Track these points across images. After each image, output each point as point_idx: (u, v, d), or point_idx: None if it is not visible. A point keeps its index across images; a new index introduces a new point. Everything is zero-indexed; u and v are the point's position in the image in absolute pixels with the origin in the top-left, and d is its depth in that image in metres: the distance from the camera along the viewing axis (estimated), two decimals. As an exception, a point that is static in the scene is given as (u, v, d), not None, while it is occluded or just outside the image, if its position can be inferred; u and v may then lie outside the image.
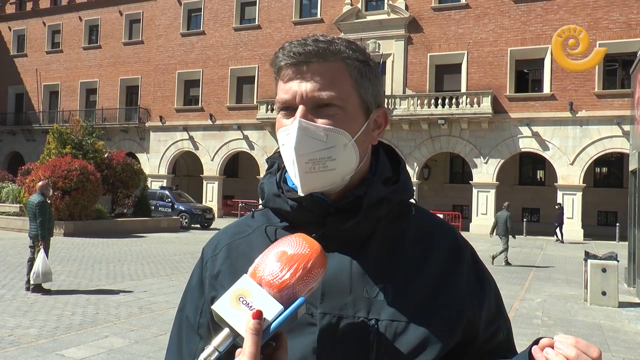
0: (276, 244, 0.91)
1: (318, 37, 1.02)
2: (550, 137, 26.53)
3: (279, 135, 1.02)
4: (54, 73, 41.66)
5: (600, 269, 10.03)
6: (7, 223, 21.04)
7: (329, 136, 0.98)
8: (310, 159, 0.97)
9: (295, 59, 0.99)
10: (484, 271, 1.12)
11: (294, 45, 1.00)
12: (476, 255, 1.12)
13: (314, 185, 0.99)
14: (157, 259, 14.31)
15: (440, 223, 1.13)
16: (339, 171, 1.00)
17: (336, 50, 1.01)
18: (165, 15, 36.45)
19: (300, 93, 0.99)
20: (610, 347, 7.16)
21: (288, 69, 1.00)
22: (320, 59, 0.99)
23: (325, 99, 0.99)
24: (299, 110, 0.98)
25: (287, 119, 1.01)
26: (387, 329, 0.96)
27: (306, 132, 0.97)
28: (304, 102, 0.99)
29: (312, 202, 1.02)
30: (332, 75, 1.00)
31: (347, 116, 1.01)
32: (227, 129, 33.75)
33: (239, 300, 0.84)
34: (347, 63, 1.02)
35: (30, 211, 9.71)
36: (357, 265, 1.01)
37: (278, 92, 1.03)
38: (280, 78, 1.03)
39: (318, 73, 0.99)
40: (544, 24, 26.82)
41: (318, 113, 0.99)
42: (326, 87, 0.99)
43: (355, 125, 1.02)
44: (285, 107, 1.01)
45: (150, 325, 7.38)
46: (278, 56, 1.02)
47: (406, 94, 28.87)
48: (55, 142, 22.47)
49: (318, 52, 0.99)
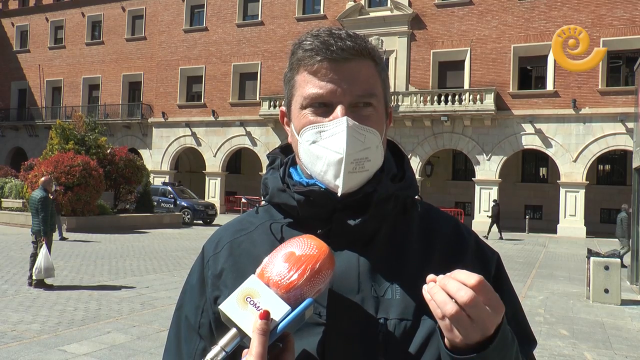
0: (284, 244, 0.90)
1: (349, 32, 1.00)
2: (553, 134, 26.47)
3: (307, 132, 0.99)
4: (56, 69, 41.67)
5: (603, 266, 10.02)
6: (10, 218, 21.10)
7: (366, 137, 0.97)
8: (355, 159, 0.96)
9: (337, 55, 0.96)
10: (487, 254, 1.09)
11: (328, 38, 0.97)
12: (480, 240, 1.10)
13: (351, 185, 0.98)
14: (159, 255, 14.33)
15: (442, 216, 1.11)
16: (371, 172, 0.99)
17: (371, 49, 1.00)
18: (168, 12, 36.43)
19: (342, 91, 0.96)
20: (612, 345, 7.15)
21: (324, 62, 0.97)
22: (358, 57, 0.98)
23: (364, 98, 0.97)
24: (339, 109, 0.96)
25: (318, 116, 0.98)
26: (395, 328, 0.95)
27: (353, 132, 0.95)
28: (344, 100, 0.96)
29: (321, 197, 0.99)
30: (369, 74, 0.99)
31: (378, 117, 1.00)
32: (230, 125, 33.74)
33: (247, 301, 0.83)
34: (377, 62, 1.01)
35: (32, 207, 9.72)
36: (365, 264, 0.99)
37: (306, 86, 0.99)
38: (310, 71, 0.99)
39: (358, 72, 0.97)
40: (547, 21, 26.73)
41: (355, 113, 0.97)
42: (366, 87, 0.98)
43: (382, 125, 1.02)
44: (318, 104, 0.98)
45: (153, 321, 7.39)
46: (311, 48, 0.98)
47: (409, 91, 28.82)
48: (58, 137, 22.52)
49: (359, 49, 0.97)
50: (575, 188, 25.99)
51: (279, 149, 1.15)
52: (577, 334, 7.67)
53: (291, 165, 1.10)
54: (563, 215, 26.27)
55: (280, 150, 1.15)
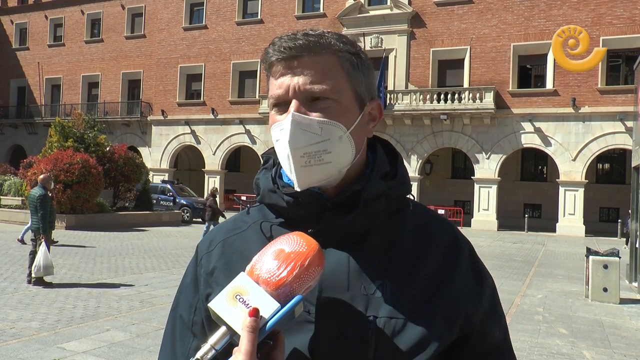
0: (274, 242, 0.90)
1: (308, 31, 1.01)
2: (552, 133, 26.47)
3: (273, 132, 1.01)
4: (56, 66, 41.63)
5: (602, 265, 10.03)
6: (10, 216, 21.10)
7: (323, 129, 0.97)
8: (306, 152, 0.96)
9: (286, 54, 0.98)
10: (481, 267, 1.10)
11: (284, 40, 0.99)
12: (474, 251, 1.11)
13: (310, 180, 0.98)
14: (158, 253, 14.33)
15: (438, 218, 1.11)
16: (335, 164, 0.99)
17: (327, 44, 0.99)
18: (167, 9, 36.39)
19: (293, 87, 0.98)
20: (611, 344, 7.16)
21: (279, 64, 0.99)
22: (311, 53, 0.98)
23: (318, 92, 0.98)
24: (292, 105, 0.97)
25: (280, 115, 1.00)
26: (385, 326, 0.95)
27: (300, 125, 0.96)
28: (296, 96, 0.98)
29: (309, 197, 1.00)
30: (324, 68, 0.99)
31: (341, 109, 0.99)
32: (229, 123, 33.73)
33: (236, 298, 0.83)
34: (338, 56, 1.01)
35: (31, 204, 9.72)
36: (355, 262, 0.99)
37: (270, 89, 1.02)
38: (271, 74, 1.02)
39: (310, 66, 0.98)
40: (547, 20, 26.72)
41: (312, 107, 0.98)
42: (319, 80, 0.98)
43: (350, 117, 1.01)
44: (278, 103, 1.00)
45: (152, 319, 7.40)
46: (268, 52, 1.01)
47: (409, 89, 28.81)
48: (57, 135, 22.50)
49: (309, 45, 0.98)
50: (574, 187, 26.01)
51: (272, 149, 1.15)
52: (575, 333, 7.68)
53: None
54: (562, 214, 26.28)
55: (274, 150, 1.15)
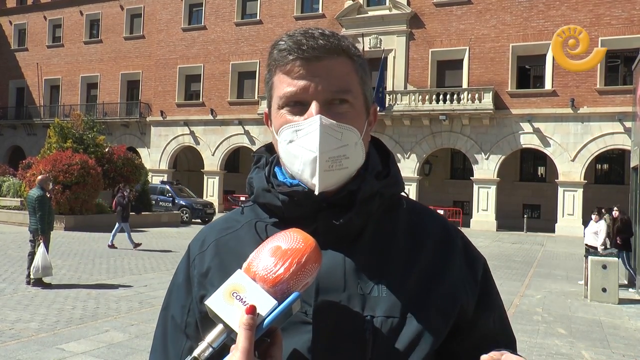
0: (271, 238, 0.90)
1: (324, 31, 1.00)
2: (551, 134, 26.49)
3: (284, 132, 0.98)
4: (54, 67, 41.60)
5: (601, 265, 10.03)
6: (8, 217, 21.07)
7: (343, 134, 0.96)
8: (330, 157, 0.95)
9: (309, 54, 0.96)
10: (474, 255, 1.10)
11: (301, 37, 0.97)
12: (467, 240, 1.11)
13: (329, 183, 0.97)
14: (157, 254, 14.32)
15: (429, 213, 1.11)
16: (350, 169, 0.99)
17: (346, 47, 1.00)
18: (166, 10, 36.39)
19: (315, 89, 0.96)
20: (610, 344, 7.17)
21: (298, 62, 0.97)
22: (331, 55, 0.97)
23: (340, 95, 0.97)
24: (314, 107, 0.96)
25: (294, 115, 0.98)
26: (382, 325, 0.95)
27: (327, 129, 0.94)
28: (317, 97, 0.96)
29: (305, 197, 0.99)
30: (344, 72, 0.99)
31: (356, 114, 1.00)
32: (228, 124, 33.72)
33: (233, 296, 0.83)
34: (354, 60, 1.01)
35: (30, 205, 9.71)
36: (351, 262, 0.99)
37: (280, 86, 1.00)
38: (284, 71, 0.99)
39: (332, 69, 0.97)
40: (545, 20, 26.74)
41: (330, 110, 0.97)
42: (340, 84, 0.97)
43: (361, 122, 1.01)
44: (293, 103, 0.98)
45: (151, 320, 7.39)
46: (285, 48, 0.98)
47: (407, 90, 28.81)
48: (56, 136, 22.48)
49: (331, 47, 0.97)
50: (573, 187, 26.02)
51: (264, 148, 1.14)
52: (574, 333, 7.68)
53: (276, 165, 1.08)
54: (561, 214, 26.30)
55: (265, 149, 1.14)
